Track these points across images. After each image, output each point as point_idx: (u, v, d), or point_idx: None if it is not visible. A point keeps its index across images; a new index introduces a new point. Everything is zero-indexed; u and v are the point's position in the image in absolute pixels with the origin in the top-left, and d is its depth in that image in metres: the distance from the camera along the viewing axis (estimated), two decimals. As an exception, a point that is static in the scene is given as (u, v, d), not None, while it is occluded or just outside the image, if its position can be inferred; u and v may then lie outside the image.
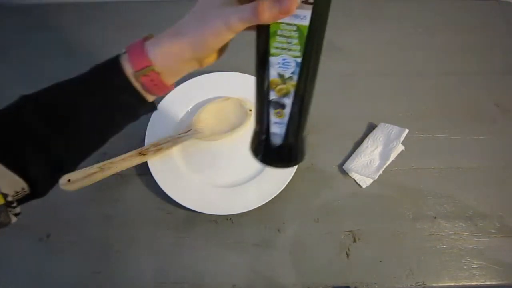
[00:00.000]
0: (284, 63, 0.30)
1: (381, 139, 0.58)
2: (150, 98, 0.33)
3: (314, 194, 0.56)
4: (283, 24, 0.28)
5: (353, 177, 0.57)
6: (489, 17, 0.72)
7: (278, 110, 0.31)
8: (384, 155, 0.57)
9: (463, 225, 0.55)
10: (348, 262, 0.52)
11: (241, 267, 0.52)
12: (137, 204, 0.55)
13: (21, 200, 0.31)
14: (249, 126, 0.58)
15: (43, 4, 0.72)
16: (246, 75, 0.61)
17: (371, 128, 0.61)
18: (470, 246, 0.53)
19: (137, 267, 0.52)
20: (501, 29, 0.71)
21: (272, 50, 0.29)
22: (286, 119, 0.32)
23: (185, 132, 0.58)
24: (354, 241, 0.53)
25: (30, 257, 0.52)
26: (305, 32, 0.28)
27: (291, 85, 0.30)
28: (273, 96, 0.31)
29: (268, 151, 0.34)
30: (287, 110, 0.31)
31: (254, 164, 0.58)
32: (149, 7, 0.71)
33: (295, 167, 0.55)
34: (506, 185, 0.57)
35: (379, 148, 0.58)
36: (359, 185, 0.57)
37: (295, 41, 0.29)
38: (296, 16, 0.28)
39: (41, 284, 0.51)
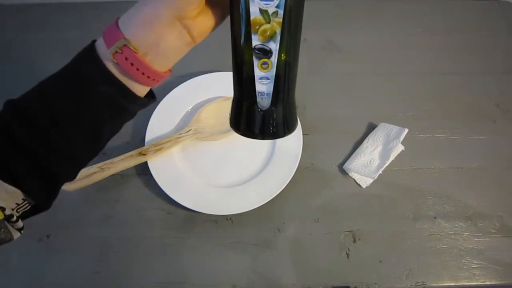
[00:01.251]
0: None
1: (381, 139, 0.58)
2: (139, 88, 0.28)
3: (314, 194, 0.56)
4: None
5: (353, 177, 0.57)
6: (489, 17, 0.72)
7: (263, 60, 0.25)
8: (384, 155, 0.57)
9: (463, 225, 0.55)
10: (348, 262, 0.52)
11: (241, 267, 0.52)
12: (137, 204, 0.55)
13: (27, 213, 0.29)
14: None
15: (43, 4, 0.72)
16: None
17: (371, 128, 0.61)
18: (470, 246, 0.53)
19: (137, 267, 0.52)
20: (501, 29, 0.71)
21: None
22: (273, 71, 0.26)
23: (185, 132, 0.58)
24: (354, 241, 0.53)
25: (30, 257, 0.52)
26: None
27: (276, 23, 0.24)
28: (256, 41, 0.25)
29: (254, 119, 0.28)
30: (274, 59, 0.25)
31: (254, 164, 0.58)
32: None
33: (295, 167, 0.55)
34: (506, 185, 0.57)
35: (379, 148, 0.58)
36: (359, 185, 0.57)
37: None
38: None
39: (41, 284, 0.51)
